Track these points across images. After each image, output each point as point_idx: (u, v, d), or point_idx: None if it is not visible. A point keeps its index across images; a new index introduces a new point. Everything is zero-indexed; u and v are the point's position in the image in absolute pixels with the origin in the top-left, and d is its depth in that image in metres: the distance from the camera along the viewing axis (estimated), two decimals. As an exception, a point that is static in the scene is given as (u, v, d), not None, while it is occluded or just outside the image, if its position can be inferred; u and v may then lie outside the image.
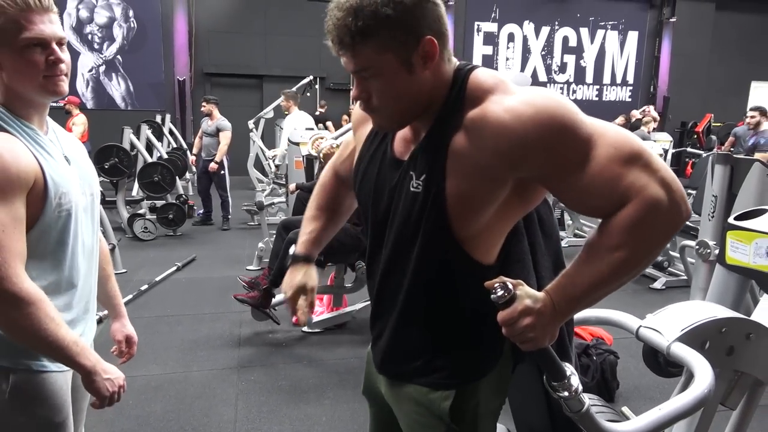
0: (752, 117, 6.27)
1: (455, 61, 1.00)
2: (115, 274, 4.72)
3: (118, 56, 10.32)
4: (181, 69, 10.41)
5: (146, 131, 7.12)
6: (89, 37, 10.28)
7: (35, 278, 1.09)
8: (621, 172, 0.88)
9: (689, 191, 7.59)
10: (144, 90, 10.43)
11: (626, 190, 0.88)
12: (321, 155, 3.30)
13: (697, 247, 3.48)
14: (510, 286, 0.89)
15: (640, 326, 1.41)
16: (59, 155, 1.17)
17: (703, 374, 1.17)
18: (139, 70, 10.39)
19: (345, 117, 9.80)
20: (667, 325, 1.35)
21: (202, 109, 6.45)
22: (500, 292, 0.88)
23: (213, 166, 6.24)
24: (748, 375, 1.41)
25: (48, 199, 1.10)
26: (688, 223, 4.24)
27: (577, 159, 0.89)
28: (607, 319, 1.52)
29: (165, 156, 6.19)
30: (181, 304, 4.02)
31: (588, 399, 1.03)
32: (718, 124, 10.76)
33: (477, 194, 0.94)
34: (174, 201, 6.22)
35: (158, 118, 8.67)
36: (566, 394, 0.97)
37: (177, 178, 6.26)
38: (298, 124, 6.00)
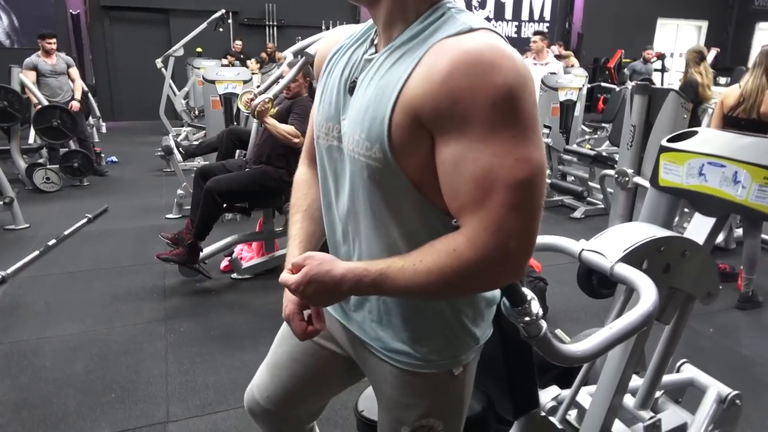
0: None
1: None
2: (17, 229, 4.36)
3: (-3, -14, 9.11)
4: (73, 1, 9.36)
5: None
6: (-42, -37, 8.97)
7: None
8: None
9: (603, 124, 7.92)
10: (31, 25, 9.27)
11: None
12: (255, 114, 3.07)
13: (616, 175, 3.62)
14: None
15: (583, 249, 1.41)
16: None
17: (648, 292, 1.18)
18: (24, 3, 9.24)
19: (264, 55, 9.30)
20: (609, 247, 1.36)
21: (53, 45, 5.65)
22: None
23: (76, 104, 5.68)
24: (682, 291, 1.46)
25: None
26: (604, 153, 4.41)
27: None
28: (549, 245, 1.51)
29: (45, 102, 5.50)
30: (95, 257, 3.74)
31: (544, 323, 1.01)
32: (628, 60, 11.19)
33: None
34: (78, 148, 5.69)
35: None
36: (527, 319, 0.94)
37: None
38: None
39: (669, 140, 1.63)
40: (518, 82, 0.74)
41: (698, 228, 1.50)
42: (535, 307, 0.96)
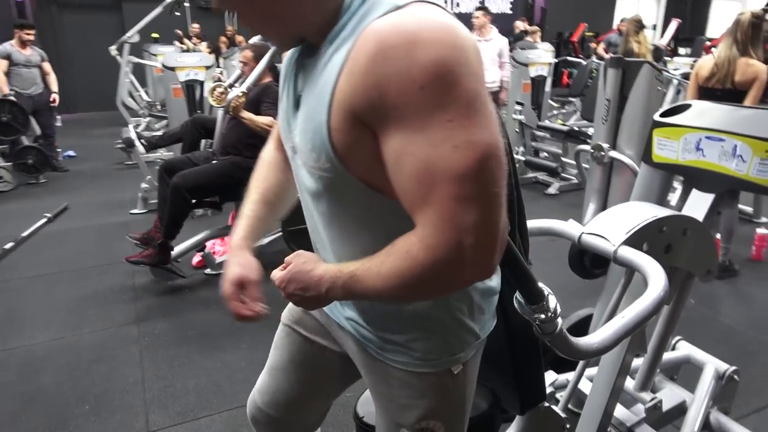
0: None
1: None
2: (-31, 234, 4.00)
3: (-69, -27, 8.52)
4: (16, -12, 8.85)
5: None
6: None
7: None
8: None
9: (570, 99, 7.95)
10: (-28, 15, 8.78)
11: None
12: (230, 109, 2.94)
13: (591, 150, 3.60)
14: None
15: (582, 233, 1.35)
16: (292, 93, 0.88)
17: (657, 277, 1.13)
18: (-37, -9, 8.70)
19: (223, 39, 9.00)
20: (611, 229, 1.31)
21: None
22: None
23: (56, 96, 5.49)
24: (682, 270, 1.42)
25: None
26: (575, 128, 4.35)
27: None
28: (546, 229, 1.45)
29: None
30: (58, 259, 3.54)
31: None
32: (591, 34, 11.25)
33: None
34: (32, 144, 5.40)
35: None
36: (543, 316, 0.87)
37: (30, 117, 5.37)
38: None
39: (662, 115, 1.58)
40: (449, 56, 0.64)
41: (696, 204, 1.46)
42: (553, 302, 0.89)
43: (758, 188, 1.32)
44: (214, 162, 3.18)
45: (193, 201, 3.03)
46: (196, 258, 3.36)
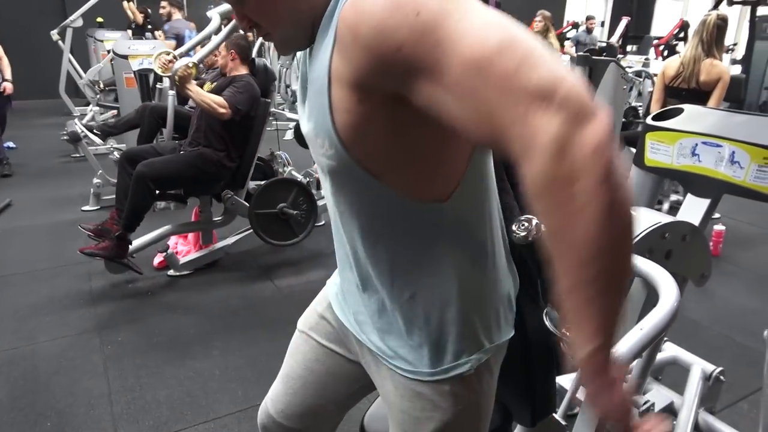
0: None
1: None
2: None
3: None
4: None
5: None
6: None
7: None
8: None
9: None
10: None
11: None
12: (176, 78, 2.79)
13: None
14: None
15: (585, 240, 1.34)
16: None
17: (668, 287, 1.14)
18: None
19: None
20: (614, 236, 1.29)
21: None
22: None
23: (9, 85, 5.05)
24: (678, 275, 1.43)
25: None
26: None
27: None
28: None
29: None
30: (4, 261, 3.30)
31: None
32: (543, 29, 11.44)
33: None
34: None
35: None
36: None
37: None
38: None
39: (654, 118, 1.58)
40: None
41: (691, 209, 1.47)
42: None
43: (756, 195, 1.33)
44: (181, 152, 3.03)
45: (157, 192, 2.88)
46: (158, 258, 3.20)
